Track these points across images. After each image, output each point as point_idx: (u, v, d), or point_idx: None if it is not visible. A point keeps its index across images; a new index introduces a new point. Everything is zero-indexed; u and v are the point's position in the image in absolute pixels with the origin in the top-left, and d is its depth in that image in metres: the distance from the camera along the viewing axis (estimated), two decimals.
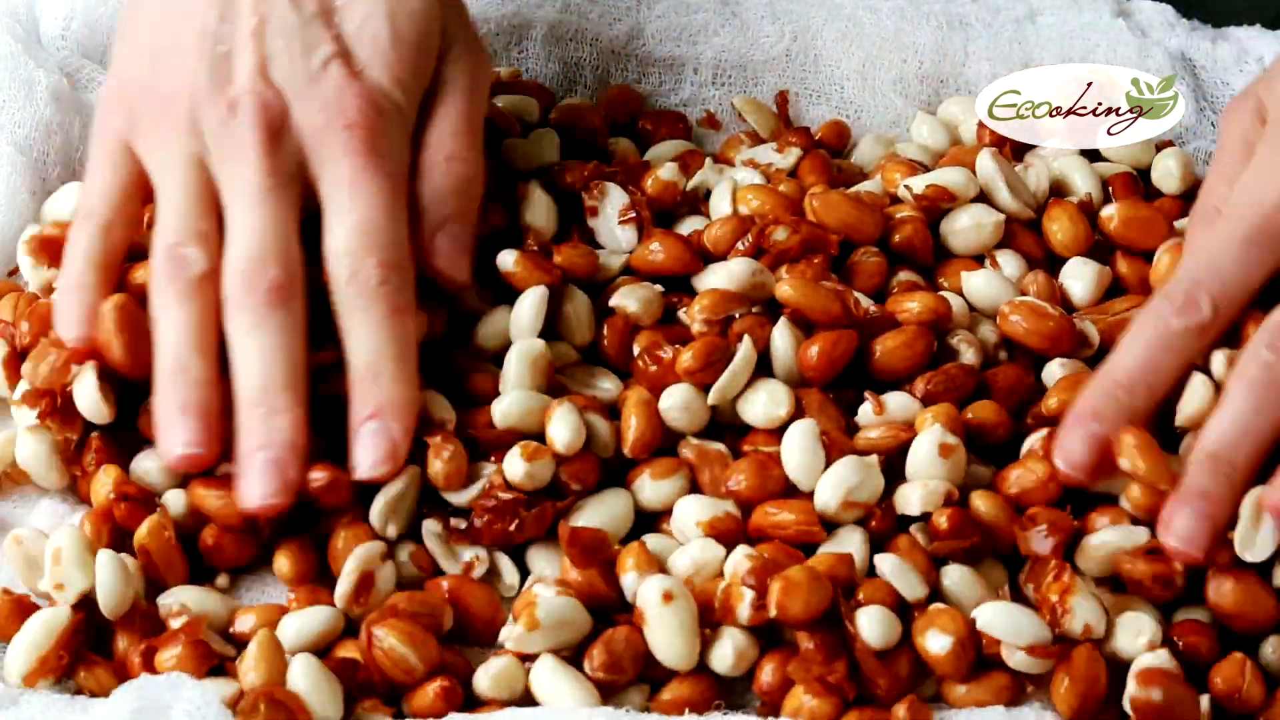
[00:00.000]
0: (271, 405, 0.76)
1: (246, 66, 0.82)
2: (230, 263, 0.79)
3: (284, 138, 0.81)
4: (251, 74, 0.81)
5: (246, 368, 0.77)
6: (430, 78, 0.85)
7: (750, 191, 0.87)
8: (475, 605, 0.77)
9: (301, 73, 0.82)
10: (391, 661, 0.74)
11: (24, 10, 0.97)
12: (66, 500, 0.81)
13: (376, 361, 0.78)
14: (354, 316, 0.79)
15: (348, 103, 0.81)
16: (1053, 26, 0.99)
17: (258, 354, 0.77)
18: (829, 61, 0.98)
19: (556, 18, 0.99)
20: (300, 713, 0.72)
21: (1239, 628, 0.76)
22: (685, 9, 0.99)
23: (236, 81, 0.81)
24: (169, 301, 0.79)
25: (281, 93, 0.81)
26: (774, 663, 0.75)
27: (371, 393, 0.78)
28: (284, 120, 0.81)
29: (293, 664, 0.74)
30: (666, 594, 0.74)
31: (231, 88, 0.81)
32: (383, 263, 0.79)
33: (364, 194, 0.80)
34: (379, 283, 0.79)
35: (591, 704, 0.73)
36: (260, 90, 0.81)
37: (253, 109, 0.80)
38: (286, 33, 0.82)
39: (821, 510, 0.78)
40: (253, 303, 0.78)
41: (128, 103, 0.83)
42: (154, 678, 0.72)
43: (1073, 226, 0.87)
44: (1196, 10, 1.01)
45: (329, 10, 0.83)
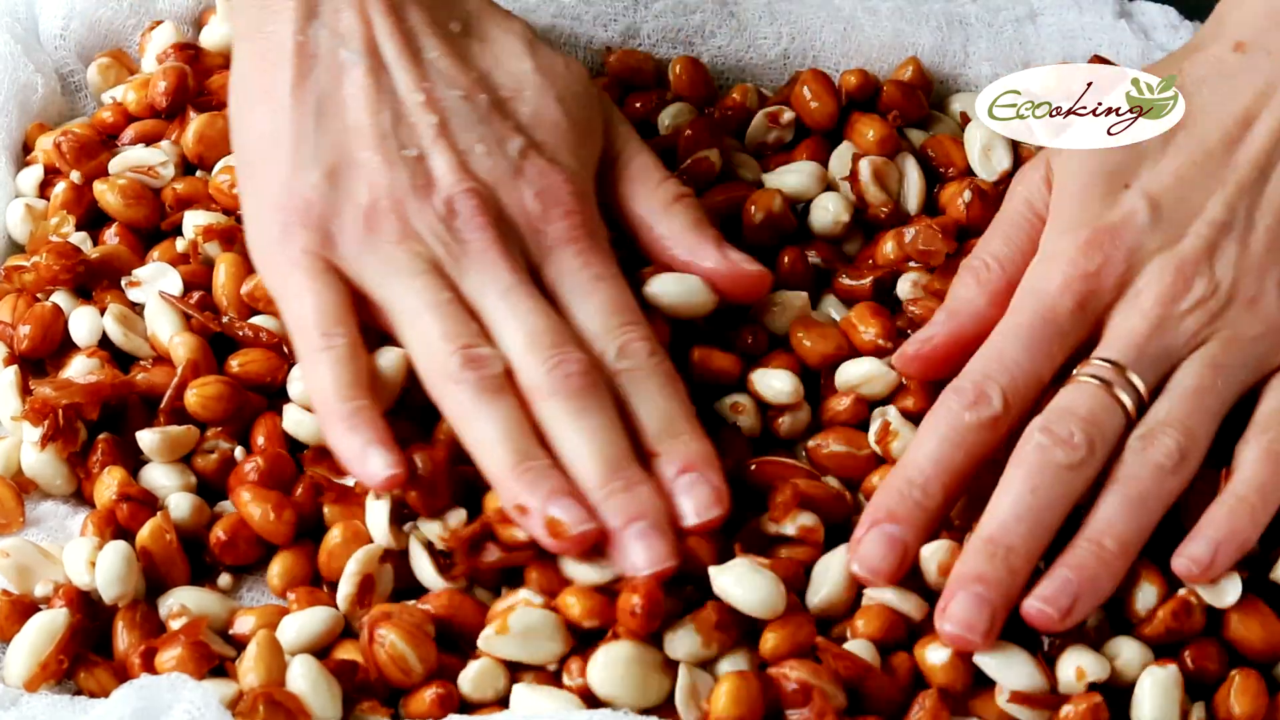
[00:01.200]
0: (627, 479, 0.77)
1: (447, 167, 0.81)
2: (524, 357, 0.78)
3: (506, 231, 0.81)
4: (456, 172, 0.81)
5: (583, 451, 0.77)
6: (601, 153, 0.86)
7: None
8: (460, 616, 0.77)
9: (503, 165, 0.82)
10: (392, 660, 0.74)
11: (24, 10, 0.96)
12: (68, 502, 0.81)
13: (672, 423, 0.79)
14: (637, 387, 0.79)
15: (559, 190, 0.82)
16: (1053, 26, 0.99)
17: (592, 436, 0.77)
18: (828, 63, 0.98)
19: (549, 22, 0.99)
20: (300, 713, 0.72)
21: (1254, 657, 0.76)
22: (682, 10, 0.99)
23: (441, 183, 0.81)
24: (483, 400, 0.78)
25: (489, 186, 0.81)
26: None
27: (677, 450, 0.78)
28: (500, 213, 0.81)
29: (292, 665, 0.74)
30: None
31: (439, 189, 0.81)
32: (645, 336, 0.80)
33: (600, 275, 0.81)
34: (649, 354, 0.80)
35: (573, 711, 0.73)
36: (472, 186, 0.81)
37: (472, 207, 0.81)
38: (472, 128, 0.82)
39: None
40: (571, 389, 0.78)
41: (311, 220, 0.81)
42: (154, 678, 0.72)
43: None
44: (1197, 12, 1.00)
45: (501, 102, 0.84)
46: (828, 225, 0.91)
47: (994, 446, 0.78)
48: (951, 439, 0.78)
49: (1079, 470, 0.76)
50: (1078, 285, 0.80)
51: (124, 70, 0.96)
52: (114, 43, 0.97)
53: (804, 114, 0.94)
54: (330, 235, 0.80)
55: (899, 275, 0.88)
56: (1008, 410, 0.78)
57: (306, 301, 0.80)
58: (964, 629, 0.74)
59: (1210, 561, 0.76)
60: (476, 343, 0.79)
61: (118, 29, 0.97)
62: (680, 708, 0.73)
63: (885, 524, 0.76)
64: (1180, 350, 0.79)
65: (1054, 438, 0.76)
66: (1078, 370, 0.79)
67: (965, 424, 0.78)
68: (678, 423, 0.79)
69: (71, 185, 0.89)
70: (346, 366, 0.78)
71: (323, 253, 0.80)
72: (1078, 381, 0.78)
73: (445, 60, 0.84)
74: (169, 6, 0.98)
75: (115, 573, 0.76)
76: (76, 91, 0.96)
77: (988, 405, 0.78)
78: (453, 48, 0.84)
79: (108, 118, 0.93)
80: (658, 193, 0.86)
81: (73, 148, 0.90)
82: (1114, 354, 0.79)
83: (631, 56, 0.97)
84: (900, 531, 0.76)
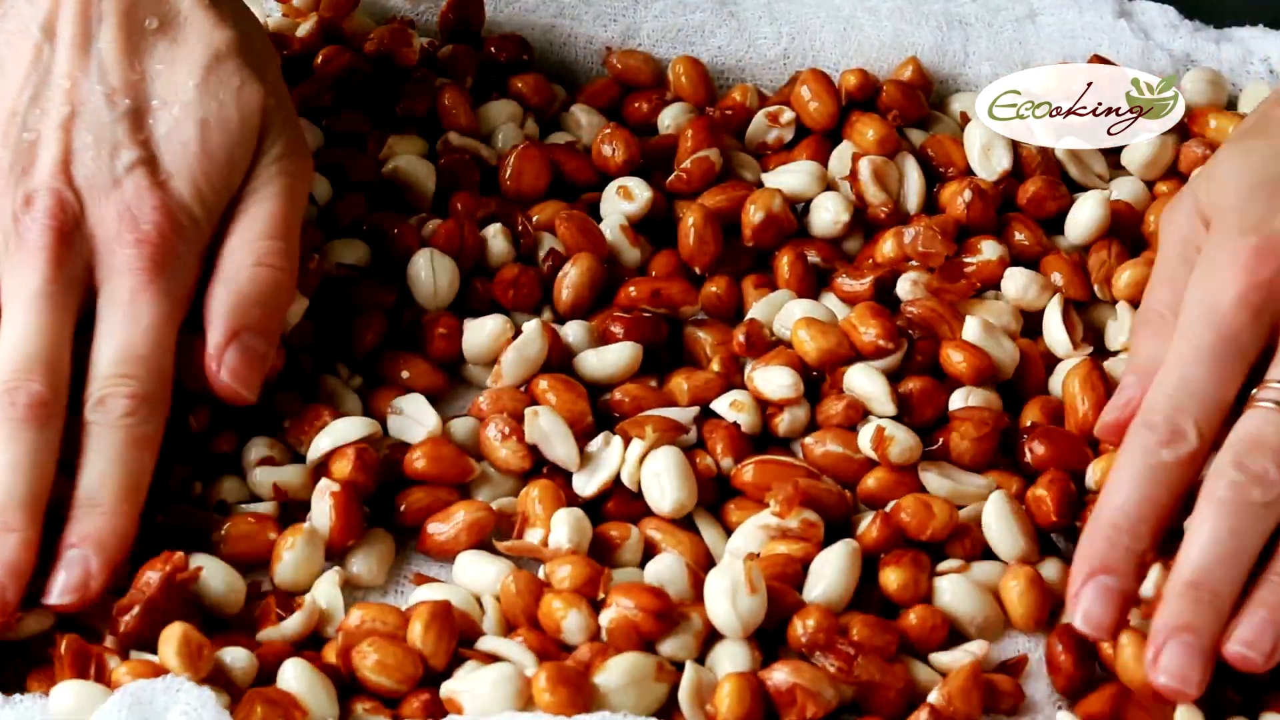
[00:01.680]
0: (4, 523, 0.75)
1: (49, 160, 0.80)
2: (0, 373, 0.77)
3: (74, 241, 0.79)
4: (53, 169, 0.80)
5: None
6: (238, 189, 0.82)
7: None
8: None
9: (104, 174, 0.80)
10: (376, 683, 0.74)
11: None
12: None
13: (99, 491, 0.77)
14: (93, 441, 0.77)
15: (144, 214, 0.79)
16: (1053, 26, 0.99)
17: (4, 468, 0.76)
18: (827, 63, 0.98)
19: (549, 22, 0.99)
20: (296, 710, 0.72)
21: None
22: (682, 9, 0.99)
23: (36, 174, 0.80)
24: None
25: (80, 192, 0.80)
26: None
27: (84, 520, 0.76)
28: (77, 222, 0.79)
29: (283, 668, 0.74)
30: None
31: (30, 179, 0.80)
32: (134, 394, 0.77)
33: (136, 316, 0.79)
34: (124, 414, 0.77)
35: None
36: (58, 188, 0.79)
37: (46, 208, 0.79)
38: (95, 128, 0.81)
39: None
40: (7, 416, 0.76)
41: None
42: (151, 680, 0.72)
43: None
44: (1196, 11, 1.00)
45: (142, 111, 0.81)
46: (828, 225, 0.90)
47: (1193, 480, 0.76)
48: (1152, 479, 0.76)
49: (1275, 507, 0.74)
50: (1252, 296, 0.78)
51: None
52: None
53: (804, 114, 0.94)
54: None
55: (899, 275, 0.87)
56: (1203, 443, 0.76)
57: None
58: (1179, 681, 0.72)
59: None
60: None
61: None
62: (684, 708, 0.73)
63: (1102, 576, 0.75)
64: None
65: (1249, 475, 0.74)
66: (1257, 393, 0.77)
67: (1163, 463, 0.76)
68: (104, 492, 0.77)
69: None
70: None
71: None
72: (1260, 407, 0.76)
73: (113, 53, 0.82)
74: None
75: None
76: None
77: (1184, 441, 0.76)
78: (130, 42, 0.82)
79: None
80: (247, 246, 0.81)
81: None
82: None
83: (631, 56, 0.97)
84: (1118, 583, 0.75)
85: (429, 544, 0.80)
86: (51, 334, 0.78)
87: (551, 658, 0.74)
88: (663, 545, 0.80)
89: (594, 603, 0.76)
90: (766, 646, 0.75)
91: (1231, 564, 0.74)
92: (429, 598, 0.76)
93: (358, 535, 0.79)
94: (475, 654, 0.75)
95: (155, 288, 0.79)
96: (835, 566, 0.77)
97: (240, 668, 0.74)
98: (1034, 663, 0.77)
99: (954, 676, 0.74)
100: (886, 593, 0.78)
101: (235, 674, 0.73)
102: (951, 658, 0.76)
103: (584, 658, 0.74)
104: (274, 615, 0.76)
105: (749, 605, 0.74)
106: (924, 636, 0.77)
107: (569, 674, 0.72)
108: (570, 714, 0.71)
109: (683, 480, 0.80)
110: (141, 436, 0.78)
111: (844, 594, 0.77)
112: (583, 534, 0.79)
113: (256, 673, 0.74)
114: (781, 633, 0.75)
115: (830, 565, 0.77)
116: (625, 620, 0.74)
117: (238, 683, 0.73)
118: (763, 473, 0.81)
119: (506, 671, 0.73)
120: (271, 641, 0.75)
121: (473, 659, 0.75)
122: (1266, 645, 0.73)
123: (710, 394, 0.84)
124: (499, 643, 0.75)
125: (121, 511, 0.77)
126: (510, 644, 0.75)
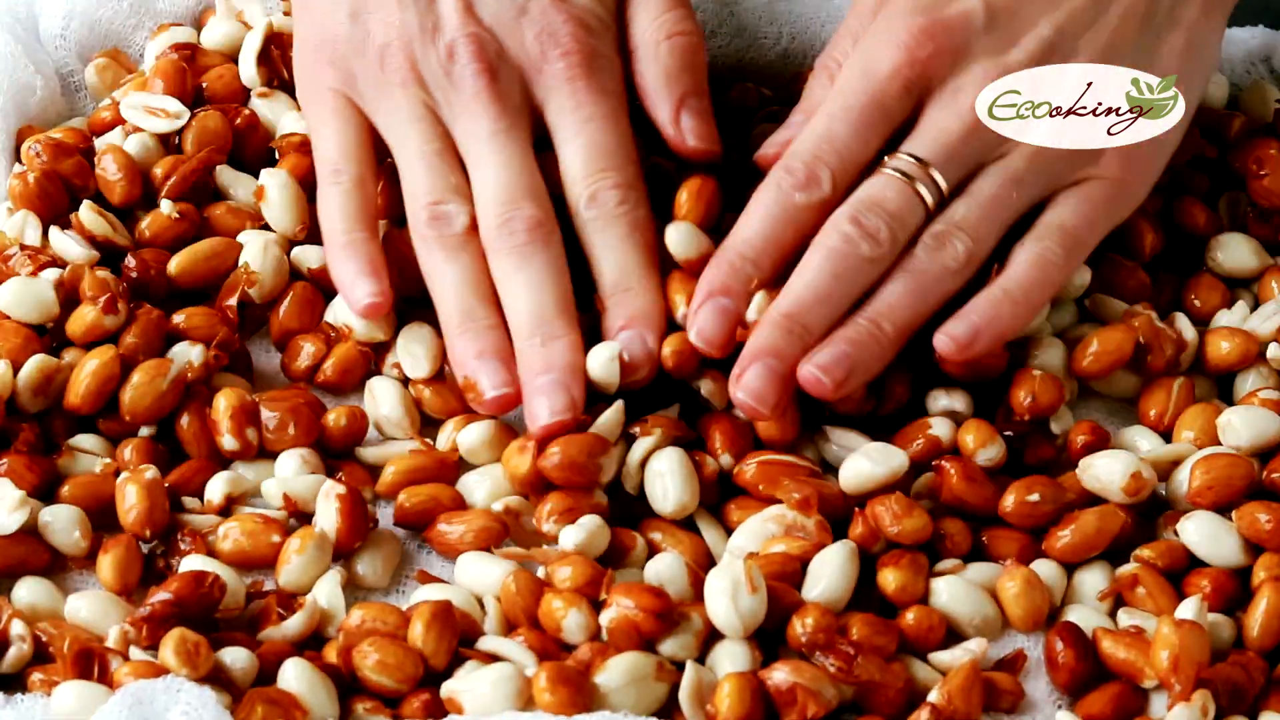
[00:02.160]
0: (547, 333, 0.80)
1: (453, 9, 0.84)
2: (485, 208, 0.83)
3: (503, 75, 0.84)
4: (461, 16, 0.84)
5: (517, 304, 0.81)
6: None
7: None
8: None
9: (507, 7, 0.84)
10: (376, 683, 0.74)
11: (24, 10, 0.96)
12: None
13: (625, 278, 0.82)
14: (598, 237, 0.83)
15: (559, 29, 0.84)
16: None
17: (526, 289, 0.81)
18: None
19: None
20: (296, 709, 0.72)
21: None
22: None
23: (447, 26, 0.84)
24: (441, 258, 0.83)
25: (492, 30, 0.84)
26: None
27: (624, 305, 0.82)
28: (501, 56, 0.84)
29: (284, 668, 0.74)
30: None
31: (443, 33, 0.84)
32: (618, 184, 0.83)
33: (589, 117, 0.84)
34: (617, 203, 0.83)
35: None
36: (474, 31, 0.84)
37: (470, 52, 0.83)
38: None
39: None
40: (514, 244, 0.81)
41: (337, 58, 0.85)
42: (151, 680, 0.72)
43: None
44: None
45: None
46: None
47: (819, 225, 0.81)
48: (783, 218, 0.81)
49: (878, 263, 0.80)
50: (906, 71, 0.83)
51: (121, 70, 0.96)
52: (114, 43, 0.97)
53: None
54: (352, 73, 0.86)
55: None
56: (835, 193, 0.81)
57: (324, 135, 0.86)
58: (756, 399, 0.78)
59: (968, 342, 0.80)
60: (446, 198, 0.83)
61: (118, 29, 0.98)
62: (684, 708, 0.73)
63: (719, 297, 0.80)
64: (985, 155, 0.83)
65: (862, 230, 0.80)
66: (888, 160, 0.82)
67: (796, 204, 0.81)
68: (630, 278, 0.82)
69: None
70: (350, 199, 0.85)
71: (344, 90, 0.86)
72: (886, 174, 0.82)
73: None
74: (169, 7, 0.98)
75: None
76: (76, 91, 0.96)
77: (818, 188, 0.81)
78: None
79: (106, 117, 0.93)
80: (653, 24, 0.87)
81: (49, 149, 0.89)
82: (922, 150, 0.82)
83: None
84: (733, 305, 0.80)
85: (436, 541, 0.80)
86: (520, 159, 0.83)
87: (552, 657, 0.74)
88: (663, 545, 0.80)
89: (594, 602, 0.76)
90: (766, 646, 0.76)
91: (827, 304, 0.79)
92: (429, 598, 0.76)
93: (363, 538, 0.80)
94: (476, 654, 0.75)
95: (594, 87, 0.84)
96: (834, 566, 0.78)
97: (241, 668, 0.74)
98: (1032, 661, 0.77)
99: (954, 675, 0.74)
100: (885, 593, 0.78)
101: (236, 674, 0.73)
102: (951, 656, 0.76)
103: (584, 657, 0.74)
104: (275, 615, 0.77)
105: (749, 605, 0.74)
106: (921, 637, 0.77)
107: (569, 674, 0.73)
108: (570, 714, 0.72)
109: (686, 481, 0.80)
110: (638, 219, 0.83)
111: (843, 593, 0.77)
112: (599, 541, 0.79)
113: (257, 673, 0.74)
114: (781, 632, 0.76)
115: (829, 565, 0.78)
116: (625, 620, 0.74)
117: (238, 683, 0.73)
118: (765, 471, 0.81)
119: (507, 671, 0.73)
120: (272, 641, 0.76)
121: (473, 659, 0.75)
122: (839, 374, 0.78)
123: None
124: (499, 642, 0.75)
125: (651, 287, 0.82)
126: (511, 644, 0.75)
